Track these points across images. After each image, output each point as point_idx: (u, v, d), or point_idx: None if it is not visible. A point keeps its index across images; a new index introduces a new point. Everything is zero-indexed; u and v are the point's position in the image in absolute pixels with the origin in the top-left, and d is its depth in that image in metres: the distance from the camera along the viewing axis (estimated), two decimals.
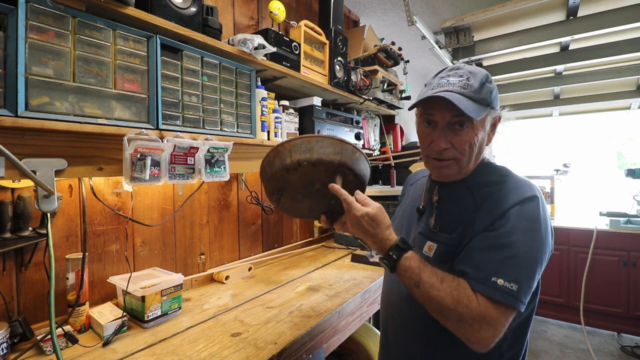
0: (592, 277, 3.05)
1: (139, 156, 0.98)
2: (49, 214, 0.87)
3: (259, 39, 1.28)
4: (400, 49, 2.27)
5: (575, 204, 4.47)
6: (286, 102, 1.69)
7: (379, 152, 2.58)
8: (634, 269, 2.88)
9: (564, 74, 3.28)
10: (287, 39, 1.52)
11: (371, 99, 2.15)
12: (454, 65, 0.81)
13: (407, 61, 2.39)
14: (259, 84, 1.48)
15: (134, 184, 1.00)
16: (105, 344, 1.02)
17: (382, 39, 2.56)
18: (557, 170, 3.75)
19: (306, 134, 1.39)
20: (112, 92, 0.94)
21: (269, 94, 1.54)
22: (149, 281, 1.18)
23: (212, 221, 1.64)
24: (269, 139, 1.52)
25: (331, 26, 1.85)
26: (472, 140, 0.76)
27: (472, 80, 0.75)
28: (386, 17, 2.81)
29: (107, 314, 1.11)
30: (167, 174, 1.08)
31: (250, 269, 1.72)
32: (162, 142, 1.03)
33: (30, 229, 1.03)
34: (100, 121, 0.91)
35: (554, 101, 3.75)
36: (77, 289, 1.08)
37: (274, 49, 1.38)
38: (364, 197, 0.81)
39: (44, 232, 1.04)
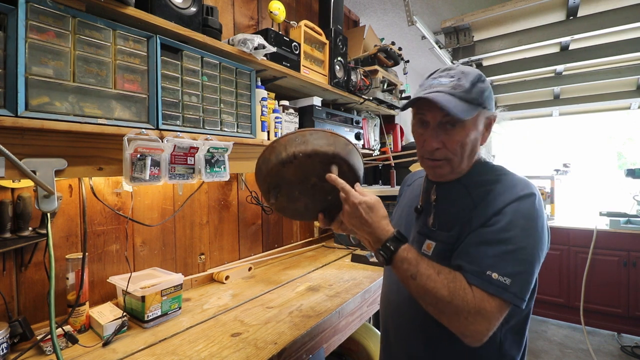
0: (592, 277, 3.05)
1: (139, 156, 0.98)
2: (49, 214, 0.87)
3: (259, 39, 1.28)
4: (400, 49, 2.27)
5: (575, 204, 4.46)
6: (286, 102, 1.69)
7: (379, 152, 2.57)
8: (634, 269, 2.88)
9: (564, 74, 3.28)
10: (287, 39, 1.52)
11: (371, 99, 2.15)
12: (447, 66, 0.81)
13: (407, 61, 2.39)
14: (259, 84, 1.48)
15: (134, 184, 1.00)
16: (105, 344, 1.02)
17: (382, 39, 2.56)
18: (557, 170, 3.75)
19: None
20: (112, 92, 0.94)
21: (269, 94, 1.54)
22: (149, 281, 1.18)
23: (212, 221, 1.64)
24: (269, 139, 1.51)
25: (331, 26, 1.85)
26: (464, 139, 0.77)
27: (463, 80, 0.75)
28: (386, 17, 2.81)
29: (107, 314, 1.11)
30: (167, 174, 1.08)
31: (250, 269, 1.72)
32: (162, 142, 1.03)
33: (30, 229, 1.03)
34: (100, 121, 0.91)
35: (554, 101, 3.75)
36: (77, 289, 1.08)
37: (274, 49, 1.38)
38: (361, 189, 0.81)
39: (44, 232, 1.04)
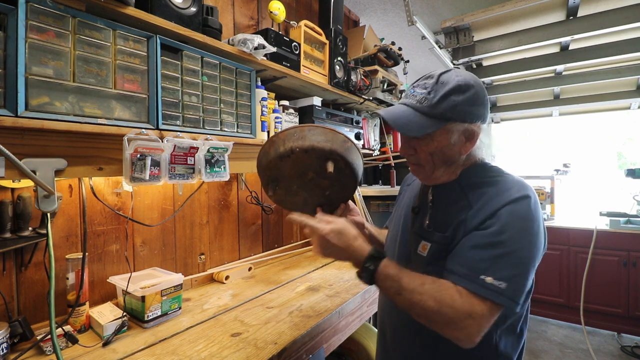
0: (592, 277, 3.05)
1: (139, 156, 0.98)
2: (49, 214, 0.87)
3: (259, 39, 1.28)
4: (400, 49, 2.27)
5: (575, 204, 4.47)
6: (286, 102, 1.69)
7: (379, 152, 2.57)
8: (634, 269, 2.88)
9: (564, 74, 3.28)
10: (287, 39, 1.52)
11: (371, 99, 2.15)
12: (428, 74, 0.80)
13: (407, 61, 2.39)
14: (259, 84, 1.48)
15: (134, 184, 0.99)
16: (105, 344, 1.02)
17: (382, 39, 2.55)
18: (557, 170, 3.74)
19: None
20: (112, 92, 0.94)
21: (269, 94, 1.54)
22: (149, 281, 1.18)
23: (212, 221, 1.64)
24: None
25: (331, 26, 1.84)
26: (432, 150, 0.78)
27: (434, 93, 0.75)
28: (386, 17, 2.81)
29: (107, 314, 1.11)
30: (167, 174, 1.08)
31: (250, 269, 1.72)
32: (162, 142, 1.03)
33: (30, 229, 1.03)
34: (100, 121, 0.91)
35: (554, 101, 3.75)
36: (77, 289, 1.08)
37: (274, 49, 1.38)
38: (326, 217, 0.83)
39: (44, 232, 1.04)
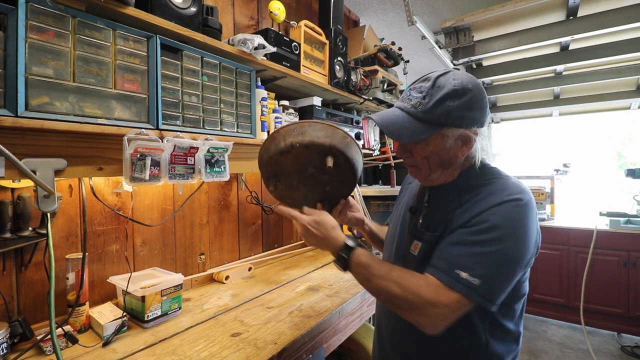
0: (592, 277, 3.05)
1: (139, 156, 0.98)
2: (49, 214, 0.87)
3: (259, 39, 1.28)
4: (400, 49, 2.27)
5: (575, 204, 4.47)
6: (286, 102, 1.69)
7: (379, 152, 2.57)
8: (634, 269, 2.88)
9: (564, 74, 3.28)
10: (287, 39, 1.52)
11: (371, 99, 2.15)
12: (426, 75, 0.79)
13: (407, 61, 2.39)
14: (259, 84, 1.48)
15: (134, 184, 0.99)
16: (105, 344, 1.02)
17: (382, 39, 2.55)
18: (557, 170, 3.74)
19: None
20: (112, 92, 0.94)
21: (269, 94, 1.54)
22: (149, 281, 1.18)
23: (212, 221, 1.64)
24: None
25: (331, 26, 1.84)
26: (427, 154, 0.79)
27: (429, 98, 0.74)
28: (386, 17, 2.81)
29: (107, 314, 1.11)
30: (167, 174, 1.08)
31: (250, 269, 1.72)
32: (162, 142, 1.03)
33: (30, 229, 1.03)
34: (100, 121, 0.91)
35: (554, 101, 3.75)
36: (77, 289, 1.08)
37: (274, 49, 1.38)
38: (310, 210, 0.90)
39: (44, 232, 1.04)
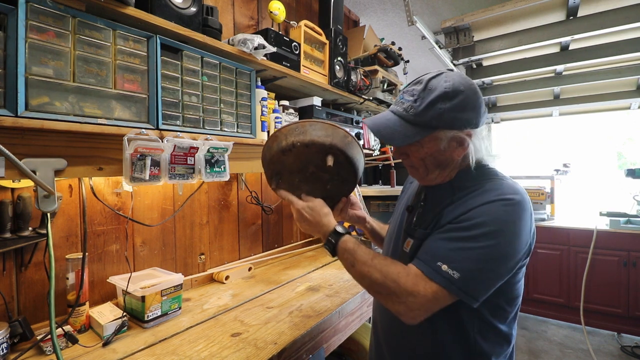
0: (592, 277, 3.05)
1: (139, 156, 0.98)
2: (49, 214, 0.87)
3: (259, 39, 1.28)
4: (400, 49, 2.27)
5: (575, 204, 4.47)
6: (286, 102, 1.69)
7: (379, 152, 2.57)
8: (634, 269, 2.88)
9: (564, 74, 3.28)
10: (287, 39, 1.52)
11: (371, 99, 2.15)
12: (419, 78, 0.79)
13: (407, 61, 2.39)
14: (259, 84, 1.48)
15: (134, 184, 1.00)
16: (105, 344, 1.02)
17: (382, 39, 2.55)
18: (557, 170, 3.74)
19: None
20: (112, 92, 0.94)
21: (269, 94, 1.54)
22: (149, 281, 1.18)
23: (212, 221, 1.64)
24: None
25: (331, 26, 1.84)
26: (422, 155, 0.80)
27: (420, 101, 0.75)
28: (386, 17, 2.81)
29: (107, 314, 1.11)
30: (167, 174, 1.08)
31: (250, 269, 1.72)
32: (162, 142, 1.03)
33: (30, 229, 1.03)
34: (100, 121, 0.91)
35: (554, 101, 3.75)
36: (77, 289, 1.08)
37: (274, 49, 1.38)
38: (307, 197, 0.93)
39: (44, 232, 1.04)
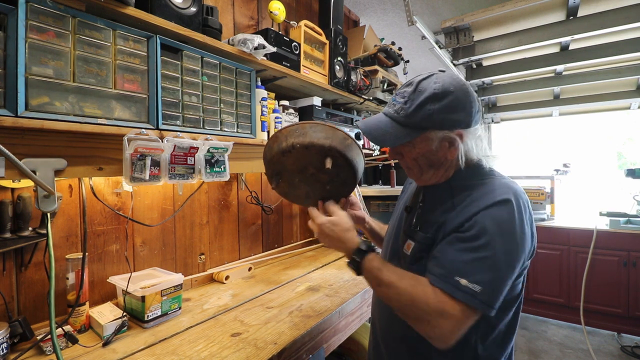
0: (592, 277, 3.04)
1: (139, 156, 0.98)
2: (49, 214, 0.87)
3: (259, 39, 1.28)
4: (400, 49, 2.27)
5: (575, 204, 4.47)
6: (286, 102, 1.69)
7: (378, 152, 2.57)
8: (634, 269, 2.88)
9: (564, 74, 3.28)
10: (287, 39, 1.52)
11: (371, 99, 2.15)
12: (410, 80, 0.79)
13: (407, 61, 2.39)
14: (259, 84, 1.48)
15: (134, 184, 1.00)
16: (105, 344, 1.02)
17: (382, 39, 2.56)
18: (557, 170, 3.74)
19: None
20: (112, 92, 0.94)
21: (269, 94, 1.54)
22: (149, 281, 1.18)
23: (212, 221, 1.64)
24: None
25: (331, 26, 1.84)
26: (415, 156, 0.80)
27: (410, 103, 0.76)
28: (386, 17, 2.81)
29: (107, 314, 1.11)
30: (167, 174, 1.08)
31: (250, 269, 1.72)
32: (162, 142, 1.03)
33: (30, 229, 1.03)
34: (100, 121, 0.91)
35: (554, 101, 3.75)
36: (77, 289, 1.08)
37: (274, 49, 1.38)
38: (330, 208, 0.89)
39: (44, 232, 1.04)
